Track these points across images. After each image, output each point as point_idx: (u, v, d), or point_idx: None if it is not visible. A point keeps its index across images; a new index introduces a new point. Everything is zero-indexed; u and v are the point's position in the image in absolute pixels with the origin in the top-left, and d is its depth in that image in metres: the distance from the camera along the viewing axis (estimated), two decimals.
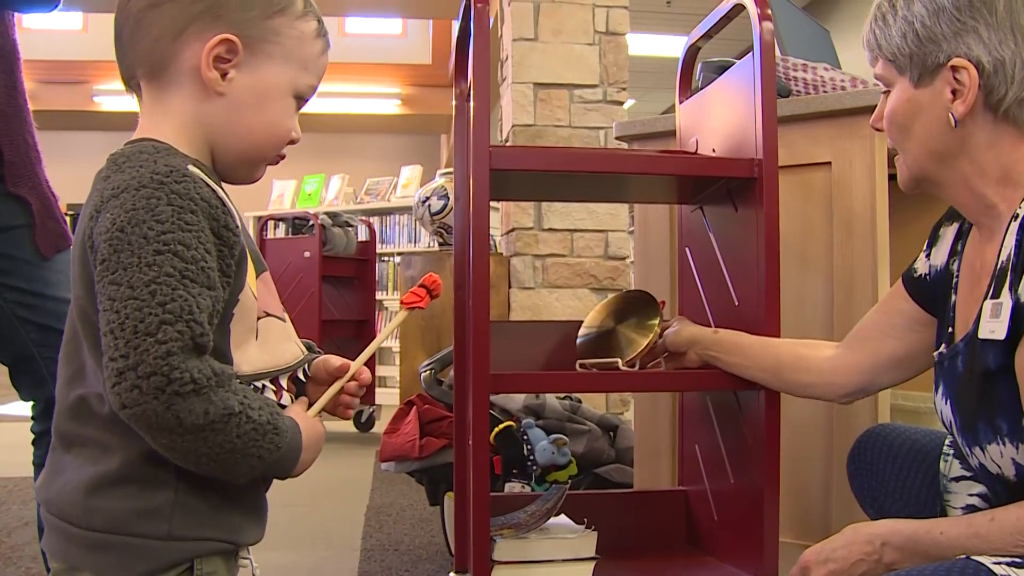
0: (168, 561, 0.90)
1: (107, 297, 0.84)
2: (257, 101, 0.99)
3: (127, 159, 0.92)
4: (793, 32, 2.34)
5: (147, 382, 0.80)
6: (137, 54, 0.98)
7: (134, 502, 0.89)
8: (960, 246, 1.33)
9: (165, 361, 0.81)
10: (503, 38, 5.04)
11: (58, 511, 0.92)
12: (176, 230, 0.85)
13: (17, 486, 3.60)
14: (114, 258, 0.84)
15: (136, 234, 0.84)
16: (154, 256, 0.83)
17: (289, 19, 1.01)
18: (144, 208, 0.85)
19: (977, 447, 1.18)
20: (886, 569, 1.19)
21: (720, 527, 1.83)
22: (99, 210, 0.88)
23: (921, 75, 1.23)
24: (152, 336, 0.81)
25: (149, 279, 0.83)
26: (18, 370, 1.79)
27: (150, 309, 0.82)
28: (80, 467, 0.91)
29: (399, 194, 6.83)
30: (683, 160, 1.77)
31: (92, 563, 0.90)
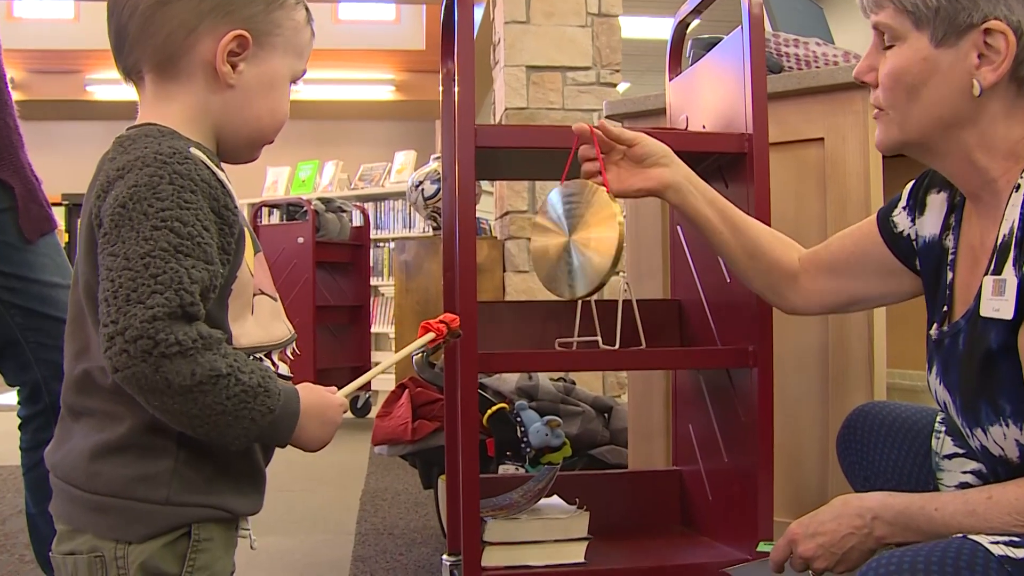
0: (165, 525, 0.94)
1: (105, 267, 0.88)
2: (264, 90, 1.05)
3: (132, 141, 0.96)
4: (785, 8, 2.32)
5: (134, 346, 0.84)
6: (146, 49, 1.01)
7: (135, 468, 0.93)
8: (954, 220, 1.27)
9: (151, 325, 0.84)
10: (495, 21, 5.01)
11: (63, 475, 0.97)
12: (175, 207, 0.89)
13: (12, 474, 3.59)
14: (114, 232, 0.88)
15: (137, 210, 0.88)
16: (151, 231, 0.88)
17: (287, 11, 1.06)
18: (146, 186, 0.89)
19: (979, 428, 1.14)
20: (876, 543, 1.16)
21: (714, 506, 1.82)
22: (106, 189, 0.92)
23: (946, 34, 1.11)
24: (142, 303, 0.85)
25: (144, 252, 0.87)
26: (3, 355, 1.78)
27: (143, 280, 0.86)
28: (85, 435, 0.96)
29: (393, 179, 6.80)
30: (672, 136, 1.75)
31: (94, 524, 0.94)
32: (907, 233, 1.35)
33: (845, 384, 1.91)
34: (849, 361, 1.90)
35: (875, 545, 1.17)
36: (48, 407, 1.77)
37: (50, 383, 1.76)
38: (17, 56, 11.26)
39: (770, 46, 2.07)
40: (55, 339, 1.76)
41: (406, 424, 2.45)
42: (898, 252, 1.37)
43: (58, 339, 1.76)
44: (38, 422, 1.79)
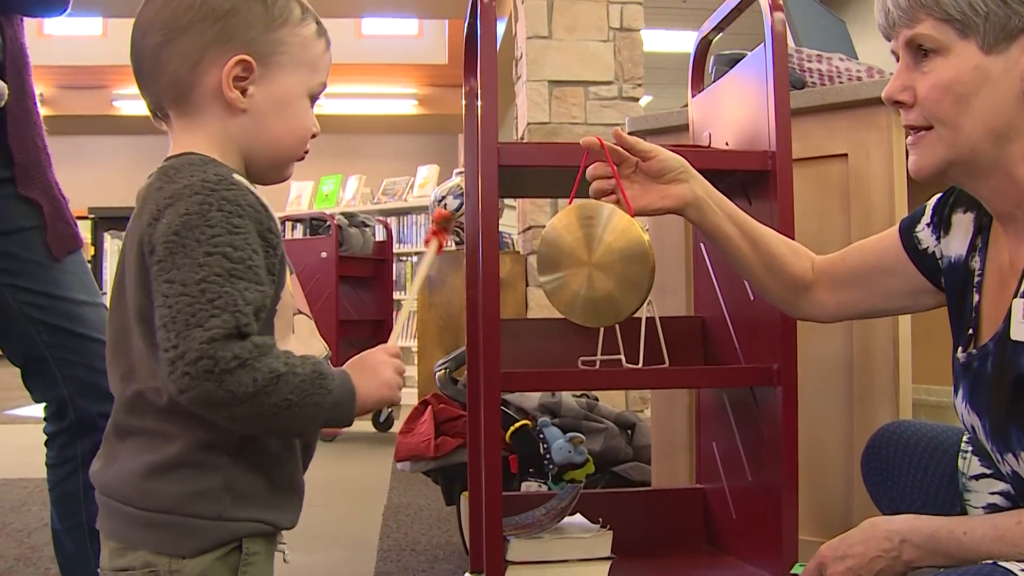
0: (218, 540, 0.97)
1: (161, 294, 0.92)
2: (278, 109, 1.06)
3: (176, 170, 0.99)
4: (808, 23, 2.31)
5: (195, 367, 0.88)
6: (161, 86, 1.04)
7: (189, 485, 0.96)
8: (981, 242, 1.24)
9: (210, 346, 0.88)
10: (517, 36, 5.03)
11: (114, 493, 0.99)
12: (225, 233, 0.93)
13: (38, 487, 3.61)
14: (169, 260, 0.92)
15: (190, 238, 0.92)
16: (205, 257, 0.91)
17: (291, 27, 1.06)
18: (197, 213, 0.93)
19: (1010, 454, 1.12)
20: (904, 567, 1.15)
21: (739, 525, 1.81)
22: (156, 217, 0.95)
23: (996, 40, 1.07)
24: (200, 327, 0.89)
25: (200, 278, 0.91)
26: (30, 371, 1.79)
27: (200, 305, 0.90)
28: (136, 454, 0.98)
29: (416, 194, 6.82)
30: (695, 154, 1.75)
31: (147, 540, 0.96)
32: (932, 250, 1.33)
33: (870, 401, 1.89)
34: (874, 377, 1.89)
35: (903, 569, 1.16)
36: (74, 423, 1.78)
37: (76, 400, 1.77)
38: (46, 72, 11.41)
39: (793, 62, 2.06)
40: (81, 356, 1.77)
41: (429, 440, 2.45)
42: (923, 269, 1.34)
43: (84, 356, 1.78)
44: (64, 438, 1.80)
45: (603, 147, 1.39)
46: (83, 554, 1.80)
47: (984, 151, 1.12)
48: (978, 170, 1.14)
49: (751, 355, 1.75)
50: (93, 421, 1.78)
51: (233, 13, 1.03)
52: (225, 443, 0.97)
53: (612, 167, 1.40)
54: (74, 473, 1.79)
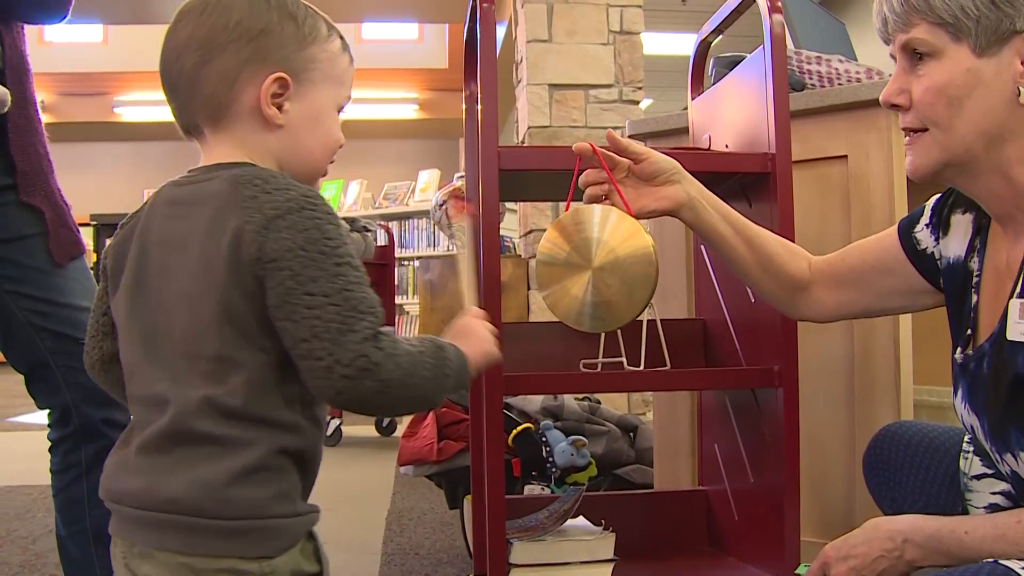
0: (297, 536, 1.02)
1: (305, 307, 0.96)
2: (311, 124, 1.11)
3: (264, 180, 1.01)
4: (807, 25, 2.32)
5: (352, 368, 0.95)
6: (197, 105, 1.07)
7: (270, 488, 0.99)
8: (979, 243, 1.25)
9: (362, 346, 0.95)
10: (517, 40, 5.04)
11: (189, 509, 0.97)
12: (342, 244, 0.99)
13: (42, 494, 3.62)
14: (303, 273, 0.96)
15: (315, 251, 0.97)
16: (336, 267, 0.97)
17: (320, 44, 1.10)
18: (314, 228, 0.98)
19: (1009, 454, 1.13)
20: (907, 566, 1.16)
21: (741, 527, 1.81)
22: (267, 228, 0.97)
23: (988, 43, 1.09)
24: (352, 331, 0.95)
25: (340, 287, 0.96)
26: (34, 378, 1.80)
27: (347, 312, 0.96)
28: (209, 464, 0.98)
29: (417, 198, 6.83)
30: (695, 156, 1.76)
31: (234, 548, 0.98)
32: (931, 251, 1.34)
33: (871, 402, 1.90)
34: (875, 378, 1.89)
35: (906, 568, 1.16)
36: (78, 429, 1.79)
37: (80, 406, 1.78)
38: (47, 80, 11.43)
39: (792, 63, 2.07)
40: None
41: (432, 444, 2.45)
42: (923, 269, 1.35)
43: None
44: (68, 444, 1.80)
45: (596, 153, 1.40)
46: (88, 560, 1.80)
47: (978, 152, 1.13)
48: (973, 171, 1.16)
49: (752, 357, 1.76)
50: (97, 427, 1.79)
51: (267, 32, 1.06)
52: (293, 445, 1.01)
53: (607, 171, 1.41)
54: (78, 479, 1.79)
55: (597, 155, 1.40)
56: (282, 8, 1.08)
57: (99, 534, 1.80)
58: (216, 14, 1.06)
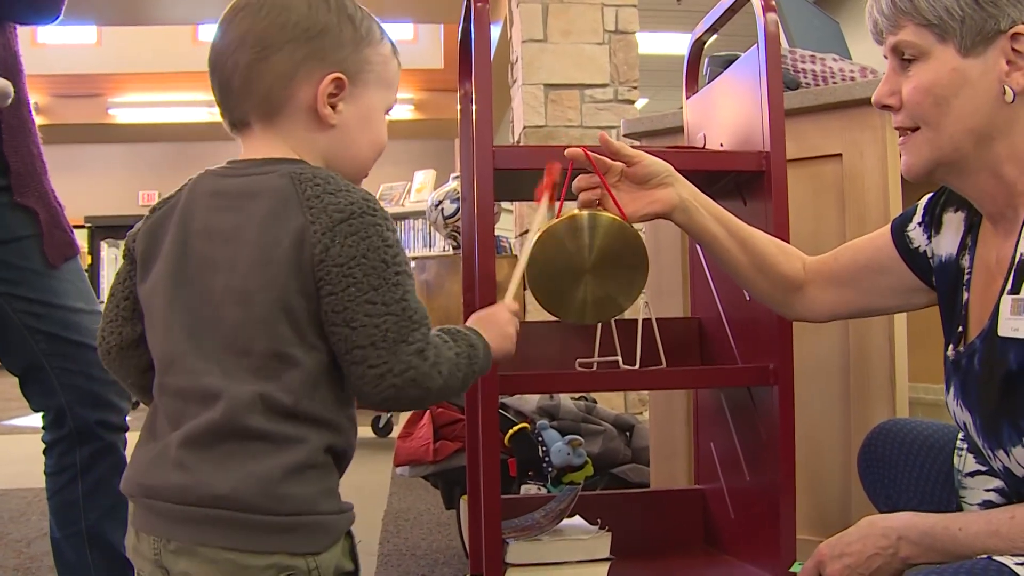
0: (341, 531, 1.04)
1: (364, 314, 0.98)
2: (363, 125, 1.12)
3: (325, 181, 1.02)
4: (802, 24, 2.32)
5: (402, 378, 0.99)
6: (252, 101, 1.08)
7: (318, 484, 1.01)
8: (971, 240, 1.25)
9: (414, 358, 0.99)
10: (513, 40, 5.04)
11: (240, 505, 0.97)
12: (401, 252, 1.02)
13: (37, 497, 3.61)
14: (365, 281, 0.98)
15: (376, 259, 0.99)
16: (396, 276, 0.99)
17: (374, 47, 1.12)
18: (376, 235, 1.00)
19: (1001, 450, 1.13)
20: (902, 563, 1.16)
21: (737, 525, 1.82)
22: (332, 230, 0.99)
23: (973, 43, 1.10)
24: (405, 342, 0.99)
25: (399, 297, 0.99)
26: (28, 379, 1.79)
27: (403, 321, 0.99)
28: (260, 460, 0.98)
29: (413, 199, 6.81)
30: (690, 155, 1.76)
31: (283, 544, 0.99)
32: (923, 249, 1.34)
33: (867, 400, 1.90)
34: (870, 376, 1.90)
35: (901, 566, 1.16)
36: (72, 432, 1.78)
37: (74, 408, 1.77)
38: (41, 81, 11.41)
39: (787, 62, 2.07)
40: (79, 364, 1.77)
41: (428, 445, 2.45)
42: (916, 268, 1.36)
43: (82, 364, 1.78)
44: (62, 447, 1.80)
45: (588, 158, 1.40)
46: (83, 562, 1.80)
47: (967, 151, 1.15)
48: (964, 170, 1.17)
49: (748, 355, 1.76)
50: (91, 429, 1.78)
51: (326, 32, 1.07)
52: (336, 443, 1.03)
53: (600, 176, 1.41)
54: (73, 481, 1.79)
55: (590, 160, 1.40)
56: (341, 9, 1.09)
57: (94, 536, 1.80)
58: (276, 11, 1.06)
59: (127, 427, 1.86)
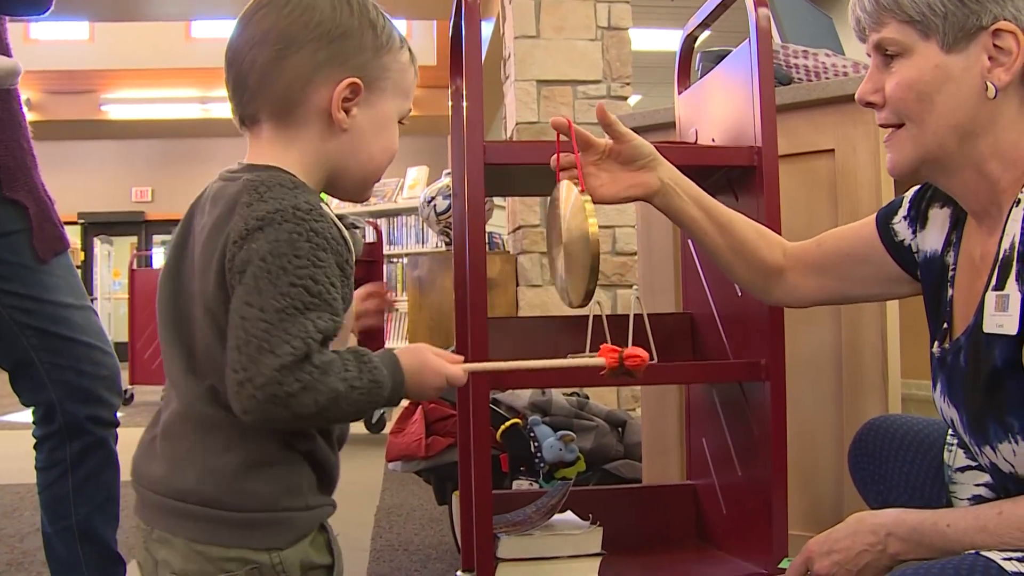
0: (306, 529, 1.04)
1: (239, 316, 0.95)
2: (376, 131, 1.11)
3: (268, 189, 1.00)
4: (794, 19, 2.32)
5: (262, 392, 0.92)
6: (266, 99, 1.07)
7: (281, 482, 1.02)
8: (956, 237, 1.25)
9: (279, 373, 0.92)
10: (505, 36, 5.03)
11: (202, 500, 1.00)
12: (310, 266, 0.96)
13: (30, 492, 3.60)
14: (253, 284, 0.95)
15: (276, 265, 0.95)
16: (288, 287, 0.95)
17: (393, 54, 1.11)
18: (287, 242, 0.96)
19: (987, 446, 1.13)
20: (890, 560, 1.16)
21: (729, 521, 1.82)
22: (244, 237, 0.97)
23: (956, 39, 1.11)
24: (272, 352, 0.93)
25: (281, 307, 0.94)
26: (18, 375, 1.79)
27: (275, 332, 0.93)
28: (218, 454, 1.01)
29: (405, 195, 6.80)
30: (681, 150, 1.76)
31: (246, 539, 1.00)
32: (908, 243, 1.35)
33: (859, 396, 1.90)
34: (862, 372, 1.90)
35: (890, 562, 1.16)
36: (63, 427, 1.78)
37: (64, 403, 1.77)
38: (33, 77, 11.37)
39: (779, 57, 2.07)
40: (69, 360, 1.77)
41: (420, 440, 2.45)
42: (900, 260, 1.36)
43: (72, 360, 1.77)
44: (53, 442, 1.79)
45: (571, 129, 1.41)
46: (74, 557, 1.79)
47: (951, 147, 1.15)
48: (949, 166, 1.17)
49: (739, 351, 1.76)
50: (81, 424, 1.78)
51: (347, 36, 1.07)
52: (303, 440, 1.03)
53: (575, 149, 1.42)
54: (63, 476, 1.78)
55: (571, 132, 1.41)
56: (364, 14, 1.08)
57: (85, 531, 1.80)
58: (300, 9, 1.05)
59: (117, 422, 1.86)
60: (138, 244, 13.90)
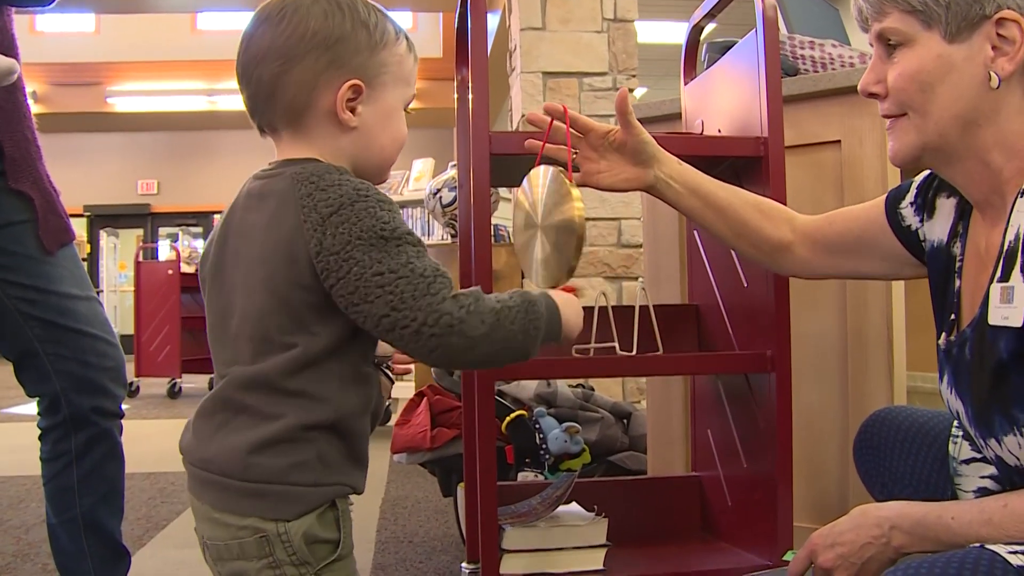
0: (315, 502, 1.08)
1: (376, 286, 1.01)
2: (383, 124, 1.17)
3: (320, 177, 1.07)
4: (801, 10, 2.31)
5: (438, 327, 1.01)
6: (277, 110, 1.13)
7: (288, 458, 1.06)
8: (962, 228, 1.25)
9: (444, 304, 1.01)
10: (511, 28, 5.02)
11: (217, 468, 1.08)
12: (399, 225, 1.05)
13: (35, 484, 3.61)
14: (367, 258, 1.02)
15: (373, 236, 1.02)
16: (396, 246, 1.03)
17: (390, 48, 1.16)
18: (368, 217, 1.03)
19: (993, 439, 1.12)
20: (895, 553, 1.15)
21: (734, 513, 1.81)
22: (323, 224, 1.04)
23: (959, 29, 1.10)
24: (428, 294, 1.01)
25: (404, 261, 1.02)
26: (23, 366, 1.79)
27: (416, 280, 1.01)
28: (239, 431, 1.07)
29: (411, 187, 6.78)
30: (687, 141, 1.75)
31: (255, 508, 1.06)
32: (915, 229, 1.35)
33: (864, 388, 1.90)
34: (868, 365, 1.89)
35: (894, 555, 1.16)
36: (67, 418, 1.78)
37: (69, 394, 1.77)
38: (39, 70, 11.38)
39: (785, 48, 2.06)
40: (73, 351, 1.77)
41: (425, 432, 2.44)
42: (907, 244, 1.36)
43: (76, 351, 1.77)
44: (57, 433, 1.79)
45: (566, 115, 1.45)
46: (79, 548, 1.80)
47: (953, 137, 1.14)
48: (952, 156, 1.17)
49: (745, 342, 1.75)
50: (86, 415, 1.78)
51: (343, 40, 1.12)
52: (321, 423, 1.07)
53: (567, 135, 1.45)
54: (68, 467, 1.78)
55: (566, 118, 1.44)
56: (355, 15, 1.13)
57: (89, 522, 1.80)
58: (294, 22, 1.11)
59: (122, 413, 1.86)
60: (144, 237, 13.92)
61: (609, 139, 1.48)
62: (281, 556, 1.06)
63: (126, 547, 1.88)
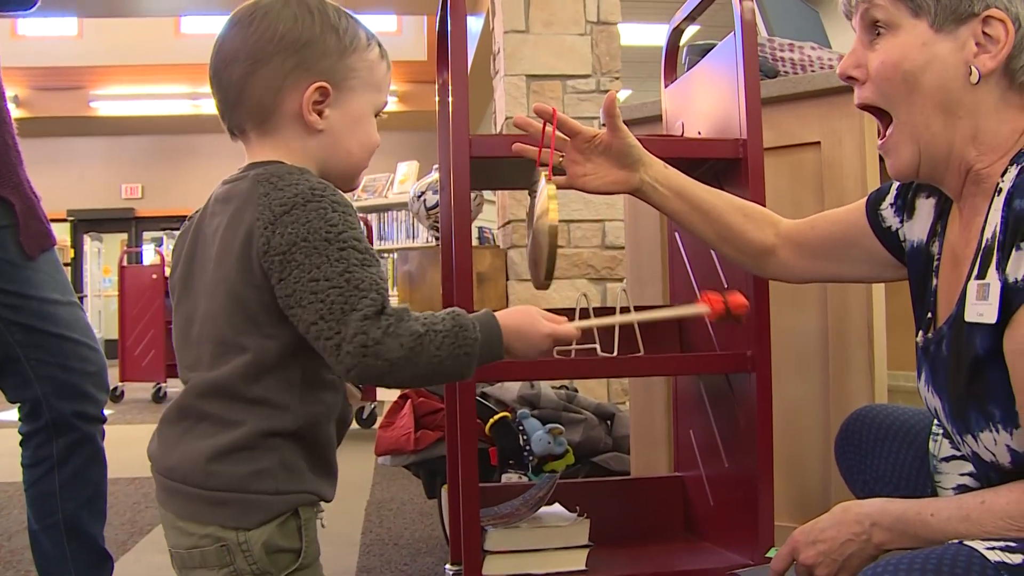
0: (277, 511, 1.07)
1: (310, 292, 1.01)
2: (350, 128, 1.17)
3: (279, 177, 1.07)
4: (781, 13, 2.32)
5: (353, 345, 0.99)
6: (245, 111, 1.14)
7: (248, 466, 1.06)
8: (940, 227, 1.26)
9: (364, 323, 1.00)
10: (495, 31, 5.02)
11: (180, 476, 1.08)
12: (347, 230, 1.04)
13: (18, 490, 3.57)
14: (307, 262, 1.02)
15: (318, 239, 1.02)
16: (339, 252, 1.02)
17: (359, 54, 1.17)
18: (317, 218, 1.03)
19: (969, 435, 1.14)
20: (875, 549, 1.16)
21: (716, 512, 1.82)
22: (273, 223, 1.04)
23: (946, 20, 1.11)
24: (355, 310, 1.00)
25: (342, 270, 1.01)
26: (4, 371, 1.78)
27: (349, 291, 1.01)
28: (201, 439, 1.08)
29: (396, 190, 6.78)
30: (667, 143, 1.76)
31: (216, 516, 1.06)
32: (895, 230, 1.36)
33: (846, 386, 1.91)
34: (849, 364, 1.90)
35: (875, 552, 1.16)
36: (49, 423, 1.77)
37: (50, 399, 1.76)
38: (20, 74, 11.31)
39: (765, 51, 2.07)
40: (55, 356, 1.76)
41: (409, 434, 2.45)
42: (888, 246, 1.37)
43: (58, 356, 1.77)
44: (39, 438, 1.79)
45: (554, 117, 1.46)
46: (61, 554, 1.79)
47: (937, 127, 1.15)
48: (948, 158, 1.16)
49: (726, 343, 1.76)
50: (68, 421, 1.77)
51: (310, 44, 1.13)
52: (282, 430, 1.07)
53: (552, 139, 1.47)
54: (50, 473, 1.78)
55: (554, 120, 1.46)
56: (325, 20, 1.14)
57: (72, 528, 1.79)
58: (264, 25, 1.12)
59: (104, 418, 1.86)
60: (128, 241, 13.85)
61: (595, 142, 1.50)
62: (242, 565, 1.06)
63: (109, 552, 1.87)
